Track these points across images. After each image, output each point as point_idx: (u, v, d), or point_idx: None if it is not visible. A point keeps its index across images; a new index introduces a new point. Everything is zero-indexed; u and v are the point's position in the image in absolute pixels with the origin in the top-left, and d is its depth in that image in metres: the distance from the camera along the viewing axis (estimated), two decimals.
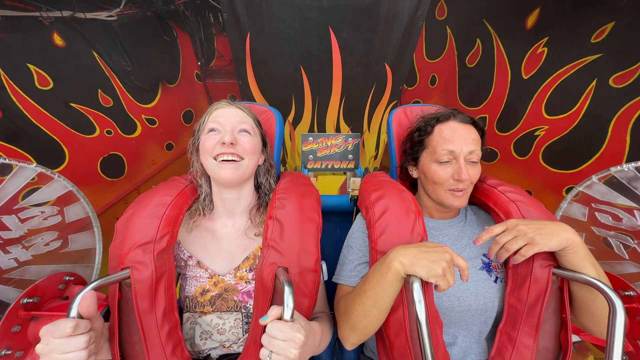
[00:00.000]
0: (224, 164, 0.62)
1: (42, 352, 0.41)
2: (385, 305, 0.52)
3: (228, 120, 0.65)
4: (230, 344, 0.63)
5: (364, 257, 0.66)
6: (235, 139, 0.63)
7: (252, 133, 0.67)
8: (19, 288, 0.79)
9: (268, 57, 1.50)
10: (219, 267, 0.65)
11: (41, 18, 1.11)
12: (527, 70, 1.47)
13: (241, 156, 0.63)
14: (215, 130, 0.64)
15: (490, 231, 0.55)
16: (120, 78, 1.45)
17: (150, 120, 1.64)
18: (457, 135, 0.65)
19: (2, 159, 0.75)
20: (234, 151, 0.62)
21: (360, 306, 0.54)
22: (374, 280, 0.52)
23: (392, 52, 1.51)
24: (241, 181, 0.66)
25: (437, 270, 0.46)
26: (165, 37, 1.66)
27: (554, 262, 0.56)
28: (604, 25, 1.15)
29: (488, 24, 1.62)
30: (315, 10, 1.33)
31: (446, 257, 0.48)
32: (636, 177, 0.78)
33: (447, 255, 0.48)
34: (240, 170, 0.63)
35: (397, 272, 0.50)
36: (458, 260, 0.49)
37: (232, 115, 0.66)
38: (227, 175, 0.62)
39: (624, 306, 0.45)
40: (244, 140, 0.64)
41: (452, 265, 0.49)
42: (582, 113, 1.26)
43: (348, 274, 0.66)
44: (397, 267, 0.50)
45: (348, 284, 0.65)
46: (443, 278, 0.47)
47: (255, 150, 0.67)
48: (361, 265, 0.66)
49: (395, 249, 0.52)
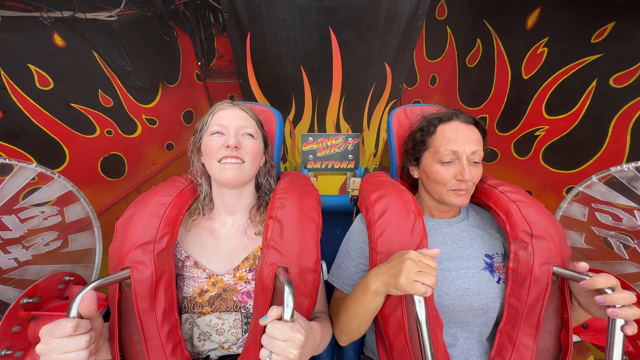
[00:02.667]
0: (227, 165, 0.62)
1: (42, 352, 0.41)
2: (366, 318, 0.57)
3: (232, 123, 0.65)
4: (230, 345, 0.63)
5: (360, 264, 0.67)
6: (240, 142, 0.63)
7: (255, 136, 0.67)
8: (19, 288, 0.79)
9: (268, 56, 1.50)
10: (217, 267, 0.65)
11: (41, 18, 1.11)
12: (527, 70, 1.47)
13: (243, 159, 0.64)
14: (219, 133, 0.64)
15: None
16: (120, 78, 1.45)
17: (150, 121, 1.64)
18: (460, 136, 0.65)
19: (2, 159, 0.75)
20: (237, 154, 0.62)
21: (345, 314, 0.60)
22: (356, 296, 0.57)
23: (392, 51, 1.51)
24: (244, 183, 0.66)
25: (405, 284, 0.46)
26: (165, 37, 1.66)
27: (553, 262, 0.56)
28: (605, 25, 1.15)
29: (488, 23, 1.62)
30: (315, 10, 1.33)
31: (408, 265, 0.47)
32: (636, 177, 0.78)
33: (409, 261, 0.47)
34: (243, 173, 0.64)
35: (374, 294, 0.53)
36: (425, 254, 0.49)
37: (236, 118, 0.66)
38: (231, 177, 0.62)
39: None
40: (248, 143, 0.65)
41: (423, 265, 0.47)
42: (582, 113, 1.26)
43: (344, 280, 0.68)
44: (374, 290, 0.53)
45: (343, 291, 0.67)
46: (415, 286, 0.46)
47: (258, 153, 0.67)
48: (357, 275, 0.67)
49: (372, 272, 0.55)
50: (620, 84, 1.13)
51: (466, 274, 0.63)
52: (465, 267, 0.64)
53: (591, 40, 1.19)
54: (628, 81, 1.10)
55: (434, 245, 0.67)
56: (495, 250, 0.67)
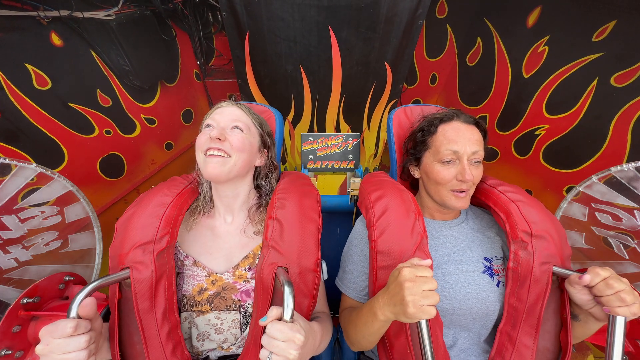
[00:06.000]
0: (210, 157, 0.61)
1: (42, 352, 0.41)
2: (373, 338, 0.57)
3: (223, 118, 0.65)
4: (229, 345, 0.63)
5: (363, 267, 0.67)
6: (224, 134, 0.62)
7: (245, 131, 0.66)
8: (19, 288, 0.79)
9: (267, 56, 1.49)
10: (217, 265, 0.65)
11: (39, 18, 1.11)
12: (527, 69, 1.47)
13: (228, 153, 0.62)
14: (210, 127, 0.65)
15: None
16: (119, 78, 1.44)
17: (149, 120, 1.64)
18: (460, 136, 0.65)
19: (2, 159, 0.74)
20: (220, 147, 0.61)
21: (353, 329, 0.60)
22: (364, 320, 0.56)
23: (392, 51, 1.50)
24: (229, 178, 0.64)
25: (414, 313, 0.44)
26: (164, 36, 1.66)
27: (553, 262, 0.56)
28: (605, 24, 1.14)
29: (489, 22, 1.62)
30: (314, 9, 1.32)
31: (408, 289, 0.44)
32: (636, 177, 0.78)
33: (407, 284, 0.45)
34: (227, 167, 0.62)
35: (384, 322, 0.52)
36: (419, 265, 0.48)
37: (229, 114, 0.66)
38: (212, 170, 0.61)
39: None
40: (234, 137, 0.63)
41: (421, 280, 0.45)
42: (582, 112, 1.26)
43: (349, 285, 0.68)
44: (384, 320, 0.51)
45: (349, 296, 0.68)
46: (424, 310, 0.44)
47: (245, 148, 0.65)
48: (359, 278, 0.67)
49: (377, 301, 0.52)
50: (621, 83, 1.12)
51: (466, 277, 0.63)
52: (464, 271, 0.64)
53: (592, 39, 1.19)
54: (629, 80, 1.10)
55: (434, 248, 0.67)
56: (494, 254, 0.67)
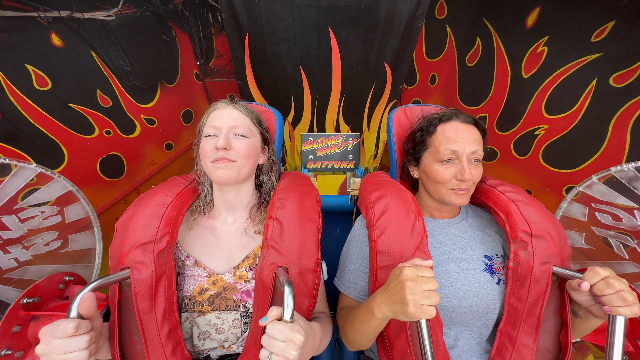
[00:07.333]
0: (218, 163, 0.62)
1: (43, 352, 0.41)
2: (370, 337, 0.57)
3: (223, 124, 0.65)
4: (230, 344, 0.63)
5: (362, 266, 0.67)
6: (229, 143, 0.63)
7: (247, 135, 0.66)
8: (19, 288, 0.78)
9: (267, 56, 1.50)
10: (217, 265, 0.65)
11: (39, 18, 1.11)
12: (527, 69, 1.47)
13: (235, 160, 0.63)
14: (212, 135, 0.65)
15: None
16: (119, 78, 1.44)
17: (149, 120, 1.64)
18: (459, 135, 0.65)
19: (2, 159, 0.74)
20: (226, 156, 0.62)
21: (350, 328, 0.60)
22: (361, 319, 0.56)
23: (392, 51, 1.51)
24: (238, 181, 0.66)
25: (414, 312, 0.44)
26: (164, 37, 1.66)
27: (553, 262, 0.56)
28: (604, 24, 1.14)
29: (488, 22, 1.62)
30: (314, 9, 1.32)
31: (409, 288, 0.44)
32: (636, 177, 0.78)
33: (408, 282, 0.44)
34: (235, 170, 0.63)
35: (381, 320, 0.52)
36: (420, 265, 0.47)
37: (228, 118, 0.65)
38: (222, 175, 0.62)
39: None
40: (239, 144, 0.64)
41: (422, 280, 0.45)
42: (582, 112, 1.26)
43: (348, 284, 0.68)
44: (381, 318, 0.51)
45: (348, 295, 0.68)
46: (424, 310, 0.44)
47: (251, 153, 0.66)
48: (358, 277, 0.67)
49: (375, 299, 0.52)
50: (620, 83, 1.13)
51: (466, 275, 0.63)
52: (465, 269, 0.64)
53: (591, 39, 1.19)
54: (628, 80, 1.10)
55: (434, 246, 0.67)
56: (494, 252, 0.67)
